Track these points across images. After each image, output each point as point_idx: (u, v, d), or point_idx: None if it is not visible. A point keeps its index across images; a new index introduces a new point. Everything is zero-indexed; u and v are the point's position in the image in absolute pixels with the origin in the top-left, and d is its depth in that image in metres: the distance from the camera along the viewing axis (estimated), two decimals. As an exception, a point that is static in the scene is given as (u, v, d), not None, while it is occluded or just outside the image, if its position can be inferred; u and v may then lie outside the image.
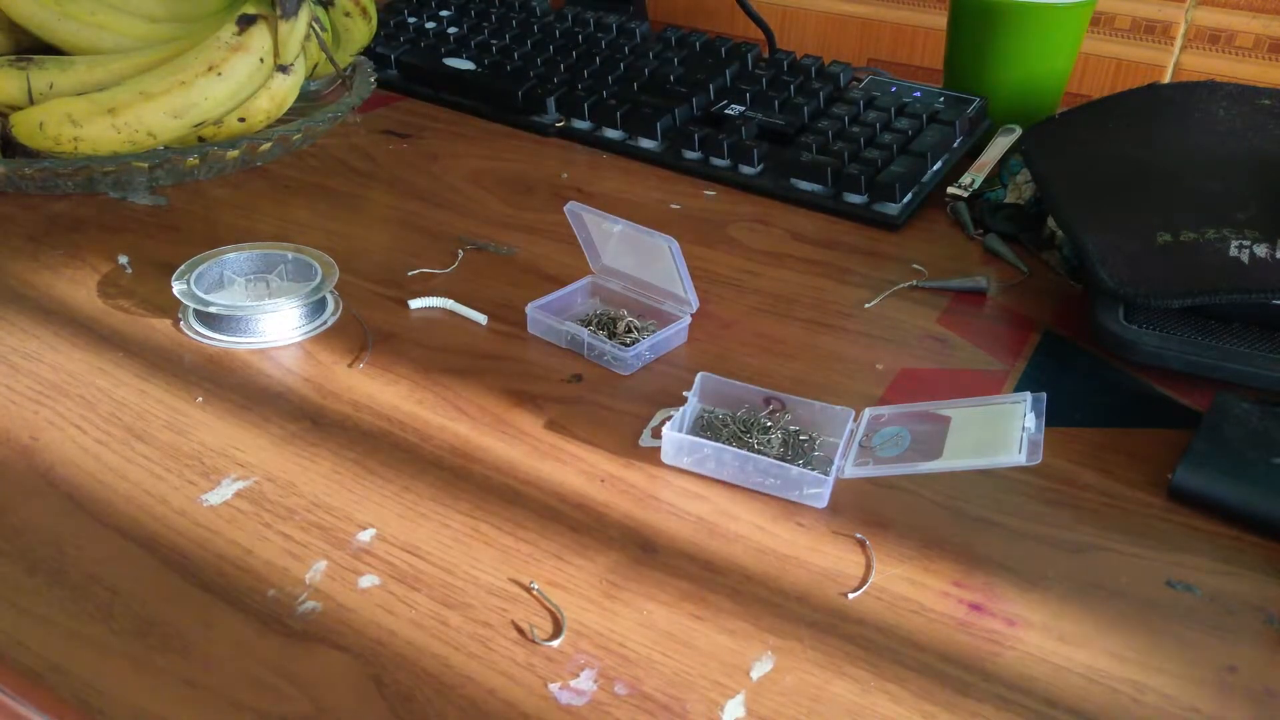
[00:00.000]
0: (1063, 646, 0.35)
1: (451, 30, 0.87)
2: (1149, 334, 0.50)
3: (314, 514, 0.39)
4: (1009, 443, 0.39)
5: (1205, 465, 0.42)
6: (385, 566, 0.37)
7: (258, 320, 0.50)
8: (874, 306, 0.56)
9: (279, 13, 0.64)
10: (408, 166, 0.70)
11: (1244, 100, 0.62)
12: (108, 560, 0.37)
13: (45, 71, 0.63)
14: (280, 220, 0.62)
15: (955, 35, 0.78)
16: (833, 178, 0.66)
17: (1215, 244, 0.50)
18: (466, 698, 0.32)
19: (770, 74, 0.78)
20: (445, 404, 0.46)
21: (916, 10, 0.96)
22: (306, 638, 0.34)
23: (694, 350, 0.51)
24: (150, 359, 0.48)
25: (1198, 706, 0.33)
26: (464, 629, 0.35)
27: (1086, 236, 0.53)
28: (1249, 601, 0.38)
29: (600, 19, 0.87)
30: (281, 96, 0.68)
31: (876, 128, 0.71)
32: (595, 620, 0.35)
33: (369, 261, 0.57)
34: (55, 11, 0.65)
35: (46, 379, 0.46)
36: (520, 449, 0.43)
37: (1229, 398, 0.46)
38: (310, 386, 0.47)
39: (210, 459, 0.42)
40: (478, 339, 0.51)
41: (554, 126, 0.76)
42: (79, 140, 0.61)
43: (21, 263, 0.56)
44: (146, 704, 0.31)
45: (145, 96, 0.62)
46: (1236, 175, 0.54)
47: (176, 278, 0.51)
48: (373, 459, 0.42)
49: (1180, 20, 0.86)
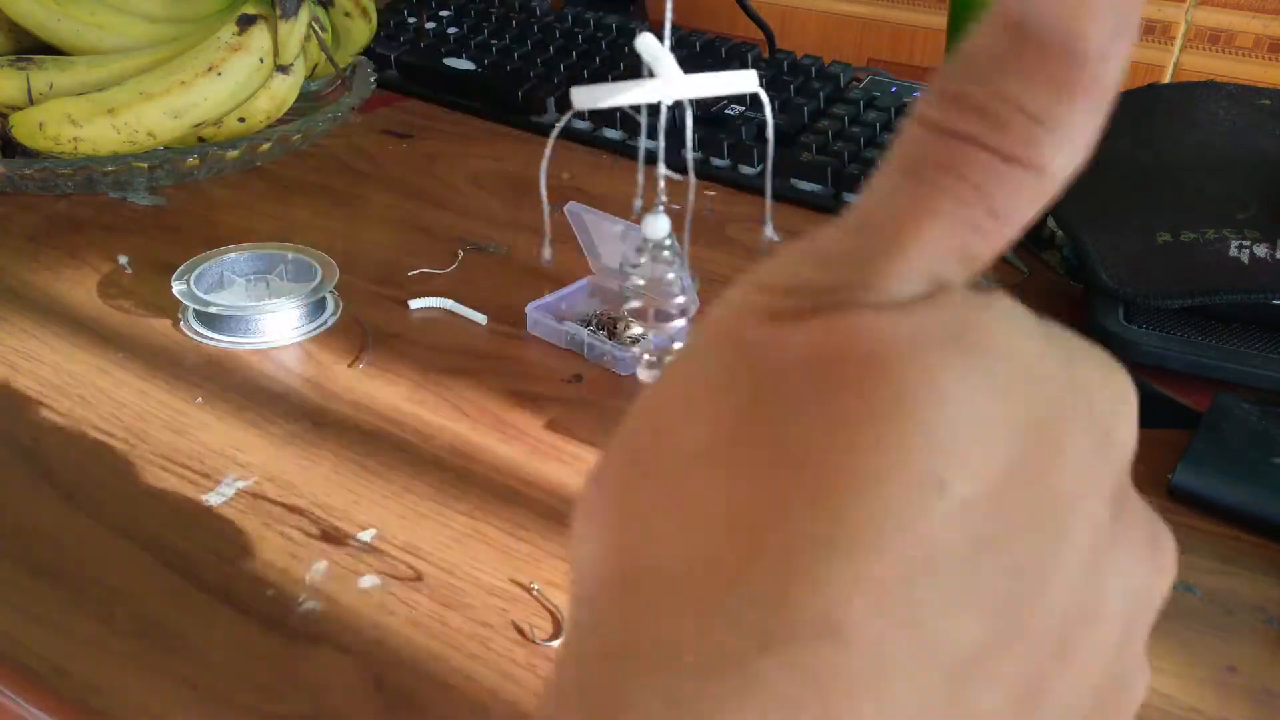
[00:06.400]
0: (1063, 646, 0.35)
1: (451, 30, 0.87)
2: (1149, 334, 0.49)
3: (314, 514, 0.39)
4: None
5: (1205, 465, 0.42)
6: (385, 566, 0.37)
7: (258, 320, 0.50)
8: (874, 306, 0.56)
9: (279, 13, 0.64)
10: (408, 166, 0.70)
11: (1244, 100, 0.62)
12: (108, 560, 0.37)
13: (45, 71, 0.63)
14: (280, 220, 0.62)
15: (955, 35, 0.78)
16: (833, 178, 0.66)
17: (1215, 244, 0.50)
18: (466, 698, 0.32)
19: (770, 74, 0.78)
20: (445, 404, 0.46)
21: (916, 10, 0.96)
22: (306, 638, 0.34)
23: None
24: (150, 359, 0.48)
25: (1198, 706, 0.33)
26: (464, 629, 0.35)
27: (1086, 236, 0.53)
28: (1249, 601, 0.38)
29: (600, 19, 0.87)
30: (281, 96, 0.68)
31: (876, 128, 0.71)
32: (595, 620, 0.35)
33: (369, 261, 0.57)
34: (55, 11, 0.65)
35: (46, 379, 0.46)
36: (520, 449, 0.43)
37: (1229, 398, 0.46)
38: (310, 387, 0.47)
39: (210, 459, 0.42)
40: (478, 339, 0.51)
41: (554, 126, 0.76)
42: (79, 140, 0.61)
43: (21, 263, 0.56)
44: (146, 704, 0.31)
45: (145, 96, 0.62)
46: (1236, 175, 0.54)
47: (176, 278, 0.51)
48: (373, 459, 0.42)
49: (1180, 20, 0.86)
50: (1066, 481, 0.16)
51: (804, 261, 0.17)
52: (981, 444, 0.15)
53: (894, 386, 0.15)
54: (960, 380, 0.16)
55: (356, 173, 0.69)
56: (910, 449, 0.15)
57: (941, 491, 0.15)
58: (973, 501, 0.15)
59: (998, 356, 0.16)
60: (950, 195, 0.16)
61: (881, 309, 0.16)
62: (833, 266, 0.17)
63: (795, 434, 0.16)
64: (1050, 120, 0.16)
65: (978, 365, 0.16)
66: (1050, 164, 0.16)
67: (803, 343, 0.16)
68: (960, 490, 0.15)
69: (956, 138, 0.16)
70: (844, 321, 0.16)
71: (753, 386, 0.16)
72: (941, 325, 0.16)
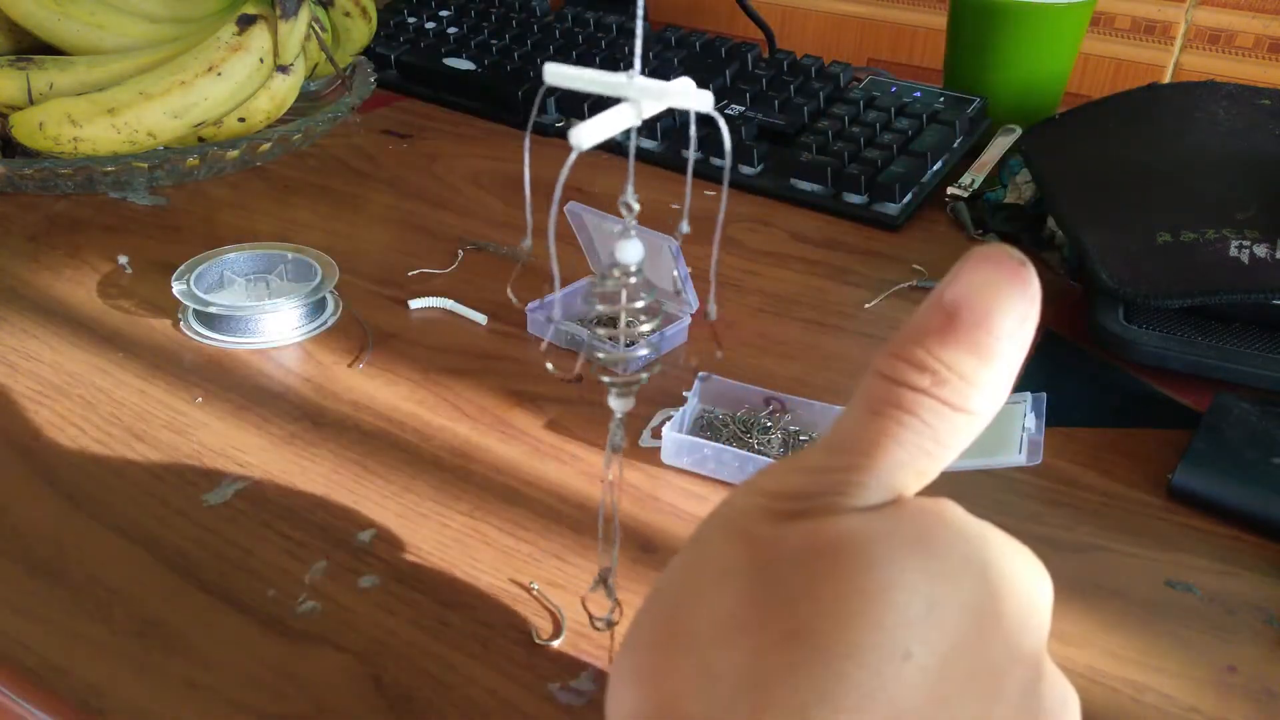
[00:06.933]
0: (1062, 646, 0.35)
1: (451, 30, 0.87)
2: (1149, 334, 0.50)
3: (314, 514, 0.39)
4: (1009, 443, 0.40)
5: (1205, 465, 0.42)
6: (385, 566, 0.37)
7: (258, 320, 0.50)
8: (874, 306, 0.56)
9: (279, 13, 0.64)
10: (408, 166, 0.70)
11: (1244, 100, 0.62)
12: (108, 560, 0.37)
13: (45, 71, 0.63)
14: (280, 220, 0.62)
15: (955, 35, 0.78)
16: (833, 178, 0.66)
17: (1215, 244, 0.50)
18: (466, 698, 0.32)
19: (770, 74, 0.78)
20: (445, 404, 0.46)
21: (916, 10, 0.96)
22: (306, 638, 0.34)
23: (694, 350, 0.51)
24: (150, 359, 0.48)
25: (1198, 706, 0.33)
26: (464, 629, 0.35)
27: (1086, 236, 0.53)
28: (1249, 601, 0.38)
29: (600, 19, 0.87)
30: (281, 96, 0.68)
31: (876, 128, 0.71)
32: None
33: (369, 261, 0.57)
34: (55, 11, 0.65)
35: (46, 379, 0.46)
36: (520, 449, 0.43)
37: (1229, 398, 0.46)
38: (310, 386, 0.47)
39: (210, 459, 0.42)
40: (478, 339, 0.51)
41: (554, 126, 0.76)
42: (79, 140, 0.61)
43: (21, 263, 0.56)
44: (146, 704, 0.31)
45: (145, 96, 0.62)
46: (1236, 175, 0.54)
47: (176, 278, 0.51)
48: (373, 459, 0.42)
49: (1180, 20, 0.86)
50: (999, 652, 0.21)
51: (794, 473, 0.23)
52: (936, 622, 0.20)
53: (869, 576, 0.20)
54: (918, 571, 0.20)
55: (356, 173, 0.69)
56: (883, 626, 0.20)
57: (906, 659, 0.20)
58: (929, 668, 0.20)
59: (947, 554, 0.21)
60: (906, 427, 0.22)
61: (856, 513, 0.22)
62: (817, 477, 0.22)
63: (798, 613, 0.20)
64: (975, 380, 0.22)
65: (932, 560, 0.21)
66: (976, 408, 0.22)
67: (798, 540, 0.21)
68: (921, 659, 0.20)
69: (910, 388, 0.22)
70: (829, 524, 0.21)
71: (761, 574, 0.21)
72: (903, 527, 0.21)
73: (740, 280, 0.58)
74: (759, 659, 0.20)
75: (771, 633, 0.20)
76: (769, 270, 0.59)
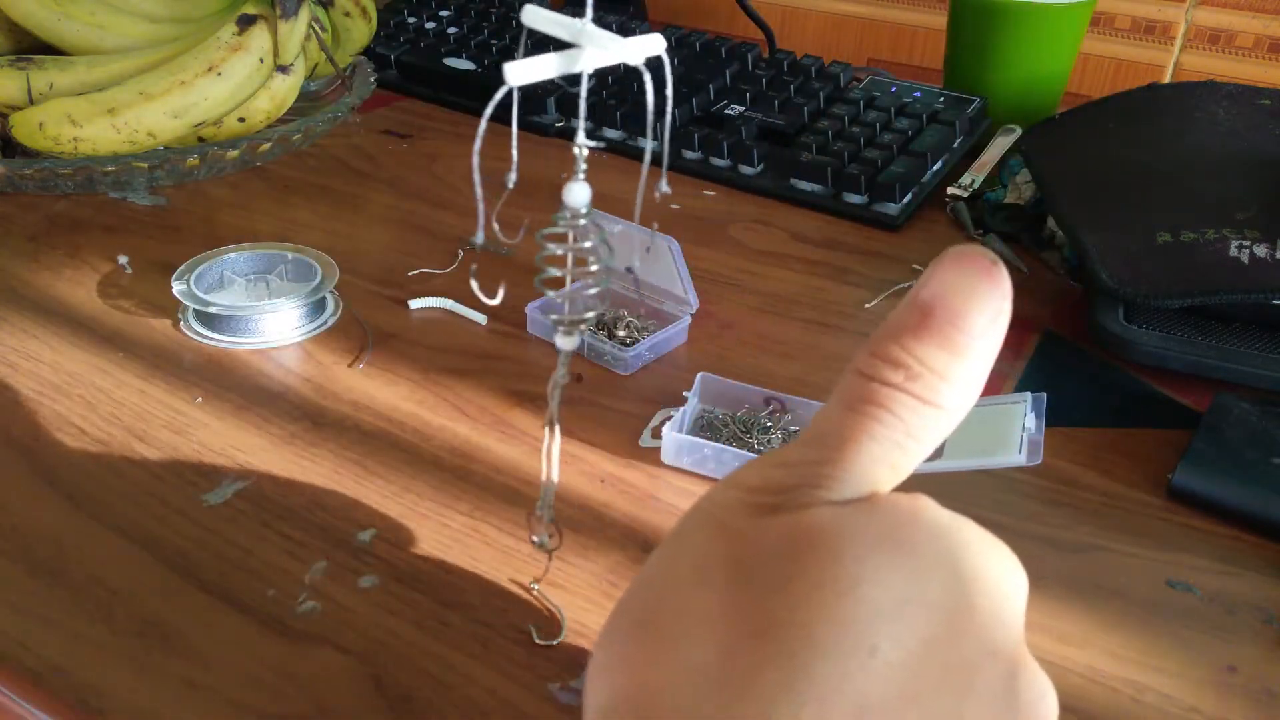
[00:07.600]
0: (1062, 646, 0.35)
1: (451, 30, 0.87)
2: (1149, 334, 0.50)
3: (314, 514, 0.39)
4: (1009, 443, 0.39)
5: (1205, 465, 0.42)
6: (385, 566, 0.37)
7: (258, 320, 0.50)
8: (874, 306, 0.56)
9: (279, 13, 0.64)
10: (408, 166, 0.70)
11: (1244, 100, 0.62)
12: (108, 560, 0.37)
13: (45, 71, 0.63)
14: (280, 220, 0.62)
15: (955, 35, 0.78)
16: (833, 178, 0.66)
17: (1215, 244, 0.50)
18: (466, 698, 0.32)
19: (770, 74, 0.78)
20: (445, 404, 0.46)
21: (916, 10, 0.96)
22: (306, 638, 0.34)
23: (694, 350, 0.51)
24: (150, 359, 0.48)
25: (1198, 706, 0.33)
26: (464, 629, 0.35)
27: (1086, 236, 0.53)
28: (1249, 601, 0.38)
29: (600, 19, 0.87)
30: (281, 96, 0.68)
31: (876, 128, 0.71)
32: (595, 620, 0.35)
33: (369, 261, 0.57)
34: (55, 11, 0.65)
35: (46, 379, 0.46)
36: (520, 449, 0.43)
37: (1229, 398, 0.46)
38: (310, 386, 0.47)
39: (210, 459, 0.42)
40: (478, 339, 0.51)
41: (554, 126, 0.76)
42: (79, 140, 0.61)
43: (21, 263, 0.56)
44: (146, 704, 0.31)
45: (145, 96, 0.62)
46: (1236, 175, 0.55)
47: (176, 278, 0.51)
48: (373, 459, 0.42)
49: (1180, 20, 0.86)
50: (972, 647, 0.21)
51: (773, 467, 0.23)
52: (906, 618, 0.20)
53: (838, 570, 0.21)
54: (888, 567, 0.21)
55: (356, 173, 0.69)
56: (850, 621, 0.20)
57: (873, 654, 0.20)
58: (898, 663, 0.20)
59: (918, 550, 0.21)
60: (880, 422, 0.23)
61: (829, 506, 0.22)
62: (793, 471, 0.23)
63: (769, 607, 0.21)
64: (948, 375, 0.23)
65: (903, 556, 0.21)
66: (949, 404, 0.23)
67: (773, 534, 0.22)
68: (889, 654, 0.20)
69: (885, 384, 0.23)
70: (803, 517, 0.22)
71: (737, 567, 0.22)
72: (875, 523, 0.22)
73: (740, 280, 0.58)
74: (730, 652, 0.21)
75: (743, 627, 0.21)
76: (769, 270, 0.59)
